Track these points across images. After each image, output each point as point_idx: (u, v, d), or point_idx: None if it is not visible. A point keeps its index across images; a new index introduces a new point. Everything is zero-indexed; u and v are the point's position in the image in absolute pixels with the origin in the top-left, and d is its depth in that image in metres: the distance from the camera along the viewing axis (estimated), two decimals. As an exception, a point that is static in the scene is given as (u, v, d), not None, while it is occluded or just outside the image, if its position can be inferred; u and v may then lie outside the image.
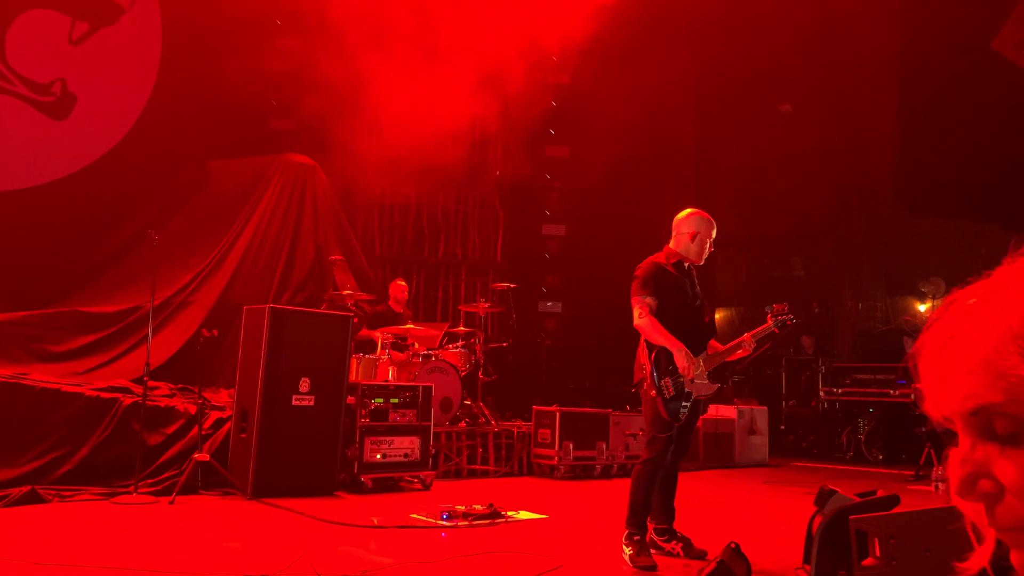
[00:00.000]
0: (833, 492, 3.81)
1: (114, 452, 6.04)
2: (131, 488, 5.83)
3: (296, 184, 9.08)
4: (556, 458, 8.06)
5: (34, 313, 7.45)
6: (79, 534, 4.70)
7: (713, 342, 4.75)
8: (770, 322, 4.66)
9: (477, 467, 7.92)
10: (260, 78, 9.41)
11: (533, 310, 12.10)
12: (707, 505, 6.87)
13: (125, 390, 6.43)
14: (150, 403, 6.23)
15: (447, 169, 10.36)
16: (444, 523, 5.34)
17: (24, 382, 5.96)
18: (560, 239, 12.44)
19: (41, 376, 6.40)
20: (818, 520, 3.66)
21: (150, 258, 6.83)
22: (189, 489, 5.97)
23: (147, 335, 6.33)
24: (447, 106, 9.40)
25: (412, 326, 8.40)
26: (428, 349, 8.44)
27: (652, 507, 4.62)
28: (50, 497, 5.55)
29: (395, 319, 8.65)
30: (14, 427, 5.77)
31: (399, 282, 9.04)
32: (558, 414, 8.10)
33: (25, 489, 5.47)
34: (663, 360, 4.52)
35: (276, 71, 9.64)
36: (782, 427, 11.92)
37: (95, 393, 6.19)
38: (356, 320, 7.25)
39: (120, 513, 5.33)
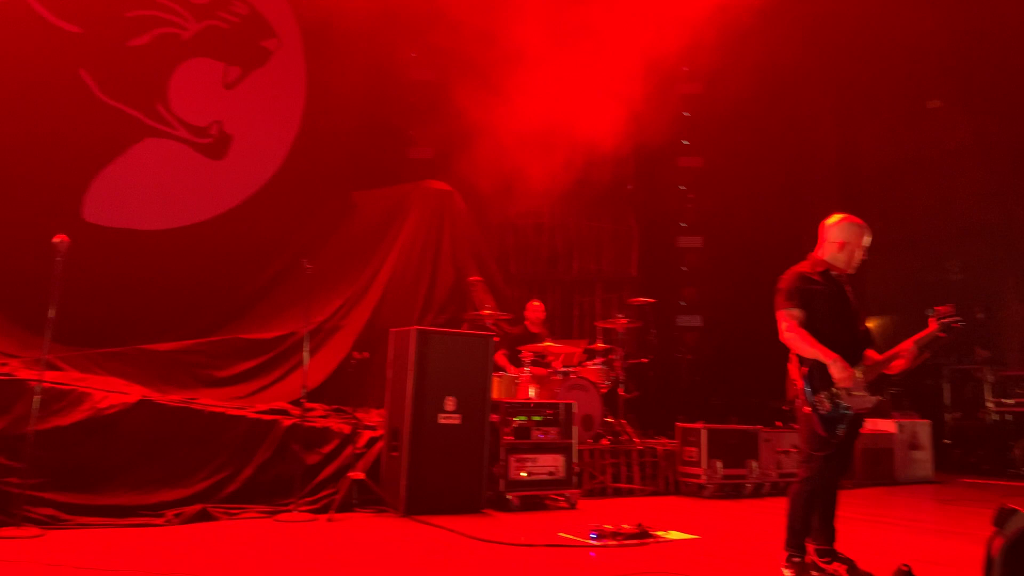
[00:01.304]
0: (1014, 511, 3.52)
1: (275, 471, 6.34)
2: (291, 506, 6.12)
3: (435, 209, 9.35)
4: (704, 476, 7.86)
5: (200, 342, 7.97)
6: (260, 552, 4.97)
7: (870, 352, 4.51)
8: (934, 326, 4.38)
9: (622, 485, 7.83)
10: (398, 110, 9.77)
11: (672, 324, 11.91)
12: (869, 524, 6.52)
13: (284, 412, 6.76)
14: (307, 424, 6.53)
15: (579, 186, 10.39)
16: (593, 542, 5.31)
17: (193, 406, 6.37)
18: (697, 251, 12.21)
19: (208, 400, 6.82)
20: (999, 542, 3.40)
21: (303, 286, 7.18)
22: (345, 507, 6.21)
23: (302, 359, 6.65)
24: (577, 122, 9.44)
25: (551, 344, 8.43)
26: (566, 366, 8.45)
27: (812, 528, 4.43)
28: (219, 515, 5.90)
29: (532, 340, 8.71)
30: (185, 449, 6.16)
31: (535, 303, 9.11)
32: (704, 431, 7.91)
33: (197, 507, 5.85)
34: (817, 374, 4.32)
35: (412, 102, 9.99)
36: (947, 441, 11.18)
37: (257, 416, 6.53)
38: (497, 339, 7.36)
39: (284, 531, 5.59)
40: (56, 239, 5.58)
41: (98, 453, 5.78)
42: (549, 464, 6.97)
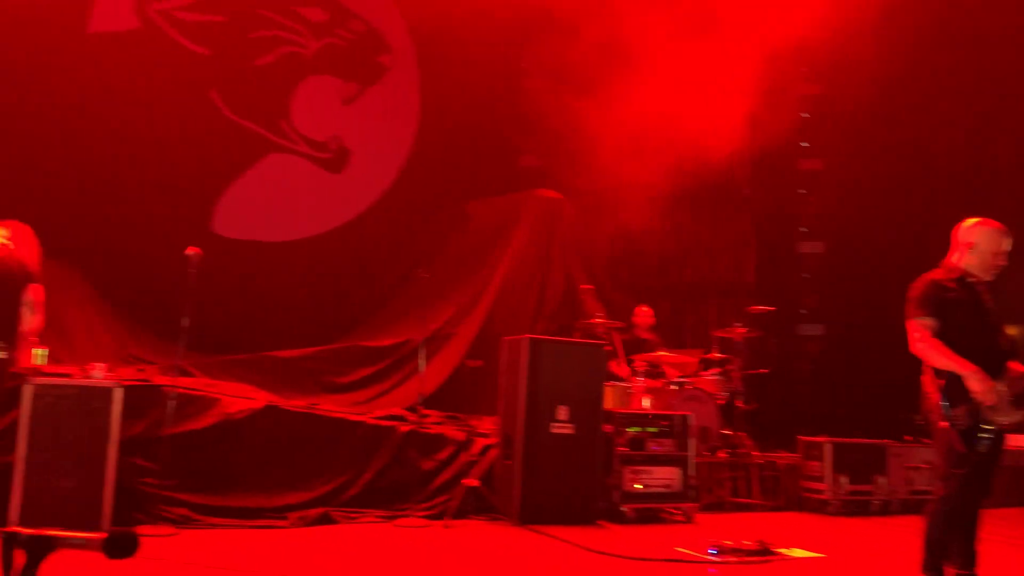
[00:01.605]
0: None
1: (393, 477, 6.46)
2: (409, 511, 6.22)
3: (545, 218, 9.37)
4: (828, 492, 7.53)
5: (321, 349, 8.24)
6: (381, 556, 5.07)
7: (1014, 364, 4.20)
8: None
9: (741, 500, 7.60)
10: (509, 119, 9.84)
11: (792, 334, 11.50)
12: (1013, 547, 6.08)
13: (401, 418, 6.88)
14: (423, 430, 6.62)
15: (692, 190, 10.18)
16: (713, 559, 5.16)
17: (316, 412, 6.58)
18: (819, 257, 11.75)
19: (329, 406, 7.03)
20: None
21: (418, 295, 7.33)
22: (460, 513, 6.26)
23: (418, 367, 6.77)
24: (691, 126, 9.27)
25: (664, 353, 8.28)
26: (681, 376, 8.28)
27: (951, 551, 4.15)
28: (340, 519, 6.06)
29: (642, 346, 8.59)
30: (308, 453, 6.36)
31: (643, 308, 8.98)
32: (829, 445, 7.58)
33: (319, 511, 6.02)
34: (954, 387, 4.06)
35: (523, 111, 10.03)
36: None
37: (375, 421, 6.68)
38: (609, 348, 7.29)
39: (403, 536, 5.69)
40: (189, 251, 5.88)
41: (227, 456, 6.04)
42: (665, 476, 6.83)
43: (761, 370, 8.94)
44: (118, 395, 5.39)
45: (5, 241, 5.37)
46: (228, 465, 6.04)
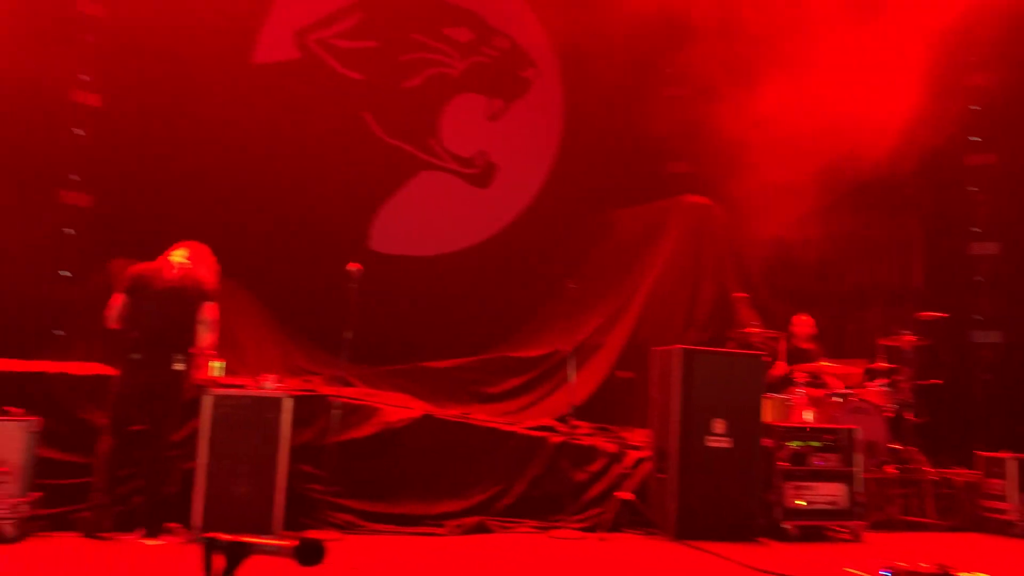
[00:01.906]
0: None
1: (545, 488, 6.47)
2: (562, 523, 6.21)
3: (694, 224, 9.17)
4: (1013, 512, 6.94)
5: (472, 359, 8.40)
6: (538, 567, 5.09)
7: None
8: None
9: (913, 519, 7.12)
10: (654, 126, 9.70)
11: (966, 341, 10.69)
12: None
13: (551, 429, 6.90)
14: (574, 442, 6.61)
15: (851, 191, 9.69)
16: (887, 581, 4.84)
17: (469, 421, 6.70)
18: (993, 259, 10.87)
19: (481, 416, 7.15)
20: None
21: (565, 305, 7.33)
22: (615, 526, 6.20)
23: (567, 377, 6.77)
24: (850, 121, 8.82)
25: (826, 363, 7.90)
26: (845, 388, 7.87)
27: None
28: (495, 528, 6.13)
29: (801, 356, 8.22)
30: (463, 462, 6.48)
31: (802, 317, 8.60)
32: (1014, 462, 6.99)
33: (476, 519, 6.12)
34: None
35: (668, 117, 9.87)
36: None
37: (527, 432, 6.73)
38: (768, 358, 7.03)
39: (558, 548, 5.68)
40: (350, 267, 6.14)
41: (388, 464, 6.25)
42: (829, 493, 6.51)
43: (934, 381, 8.35)
44: (288, 405, 5.69)
45: (184, 261, 5.78)
46: (388, 472, 6.25)
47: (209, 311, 5.67)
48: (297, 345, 8.61)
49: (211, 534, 1.66)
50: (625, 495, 6.29)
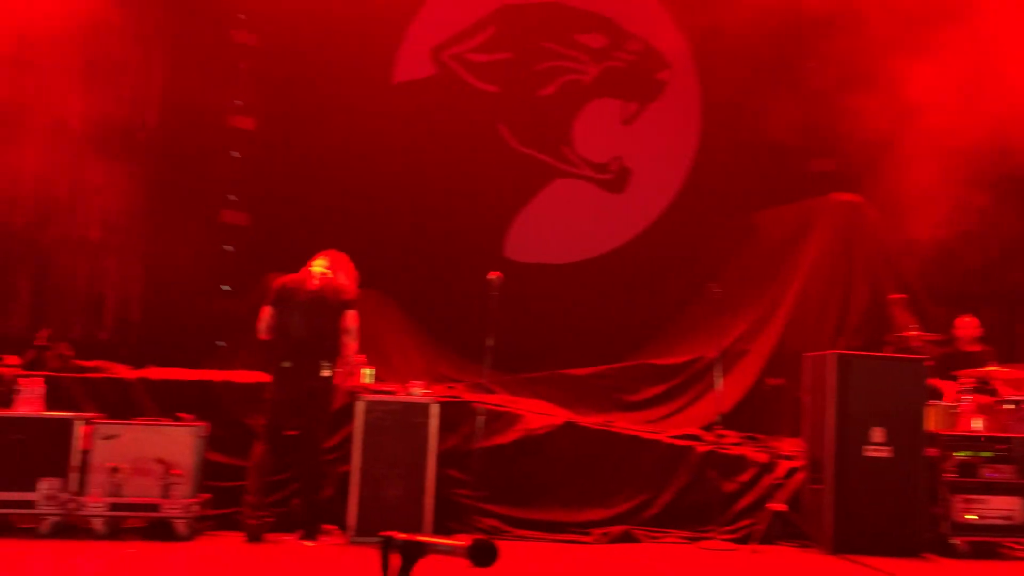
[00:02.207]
0: None
1: (692, 498, 6.32)
2: (712, 534, 6.04)
3: (843, 224, 8.73)
4: None
5: (612, 367, 8.31)
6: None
7: None
8: None
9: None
10: (796, 123, 9.35)
11: None
12: None
13: (696, 438, 6.73)
14: (721, 451, 6.42)
15: (1017, 183, 8.99)
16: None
17: (612, 429, 6.64)
18: None
19: (623, 424, 7.06)
20: None
21: (707, 310, 7.14)
22: (767, 539, 5.98)
23: (712, 385, 6.59)
24: (1009, 108, 8.20)
25: (995, 368, 7.34)
26: (1017, 394, 7.27)
27: None
28: (642, 537, 6.04)
29: (967, 360, 7.66)
30: (606, 470, 6.43)
31: (966, 319, 8.02)
32: None
33: (622, 529, 6.05)
34: None
35: (811, 113, 9.49)
36: None
37: (671, 441, 6.60)
38: (930, 363, 6.61)
39: (708, 559, 5.54)
40: (491, 275, 6.21)
41: (531, 470, 6.28)
42: (1003, 507, 6.04)
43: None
44: (435, 410, 5.82)
45: (325, 271, 5.99)
46: (532, 479, 6.27)
47: (350, 319, 5.82)
48: (439, 353, 8.80)
49: (387, 532, 1.69)
50: (778, 506, 6.06)
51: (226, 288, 9.48)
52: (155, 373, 6.59)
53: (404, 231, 9.26)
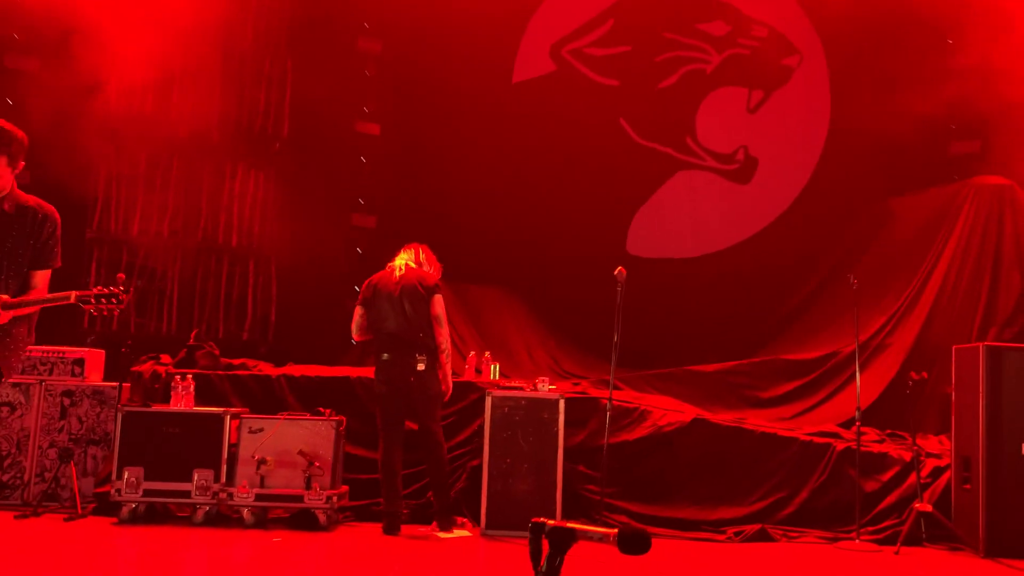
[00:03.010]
0: None
1: (831, 497, 6.10)
2: (852, 534, 5.80)
3: (990, 208, 8.18)
4: None
5: (742, 362, 8.09)
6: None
7: None
8: None
9: None
10: (934, 104, 8.85)
11: None
12: None
13: (835, 435, 6.48)
14: (862, 448, 6.15)
15: None
16: None
17: (745, 426, 6.47)
18: None
19: (756, 421, 6.87)
20: None
21: (841, 303, 6.84)
22: (912, 540, 5.69)
23: (849, 379, 6.32)
24: None
25: None
26: None
27: None
28: (778, 536, 5.86)
29: None
30: (738, 468, 6.28)
31: None
32: None
33: (756, 527, 5.89)
34: None
35: (951, 92, 8.96)
36: None
37: (808, 438, 6.38)
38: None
39: (849, 560, 5.33)
40: (617, 271, 6.17)
41: (660, 467, 6.21)
42: None
43: None
44: (562, 406, 5.84)
45: (408, 263, 6.06)
46: (662, 476, 6.21)
47: (436, 305, 5.80)
48: (564, 349, 8.82)
49: (538, 519, 1.71)
50: (923, 506, 5.75)
51: (357, 289, 9.80)
52: (295, 370, 6.88)
53: (527, 228, 9.31)
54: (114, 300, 3.63)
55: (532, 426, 5.84)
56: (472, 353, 7.05)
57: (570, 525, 1.66)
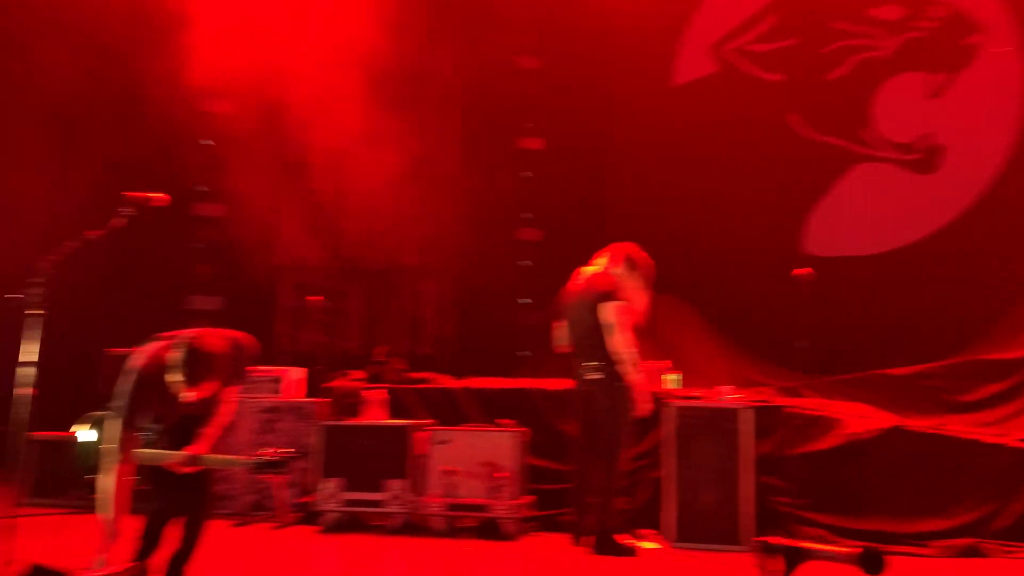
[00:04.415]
0: None
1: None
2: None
3: None
4: None
5: (936, 364, 7.54)
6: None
7: None
8: None
9: None
10: None
11: None
12: None
13: (1051, 442, 5.94)
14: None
15: None
16: None
17: (946, 433, 6.05)
18: None
19: (958, 427, 6.41)
20: None
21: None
22: None
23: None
24: None
25: None
26: None
27: None
28: (992, 552, 5.44)
29: None
30: (941, 478, 5.87)
31: None
32: None
33: (966, 541, 5.50)
34: None
35: None
36: None
37: (1018, 444, 5.89)
38: None
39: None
40: (799, 272, 5.95)
41: (855, 477, 5.91)
42: None
43: None
44: (747, 416, 5.69)
45: (595, 268, 5.75)
46: (856, 486, 5.91)
47: (606, 312, 5.44)
48: (742, 356, 8.59)
49: (765, 537, 1.69)
50: None
51: (526, 301, 10.00)
52: (475, 382, 7.09)
53: (696, 234, 9.16)
54: (281, 468, 3.85)
55: (715, 436, 5.72)
56: (649, 362, 6.98)
57: (804, 544, 1.63)
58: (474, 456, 5.99)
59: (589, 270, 5.80)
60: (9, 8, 8.01)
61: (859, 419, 6.11)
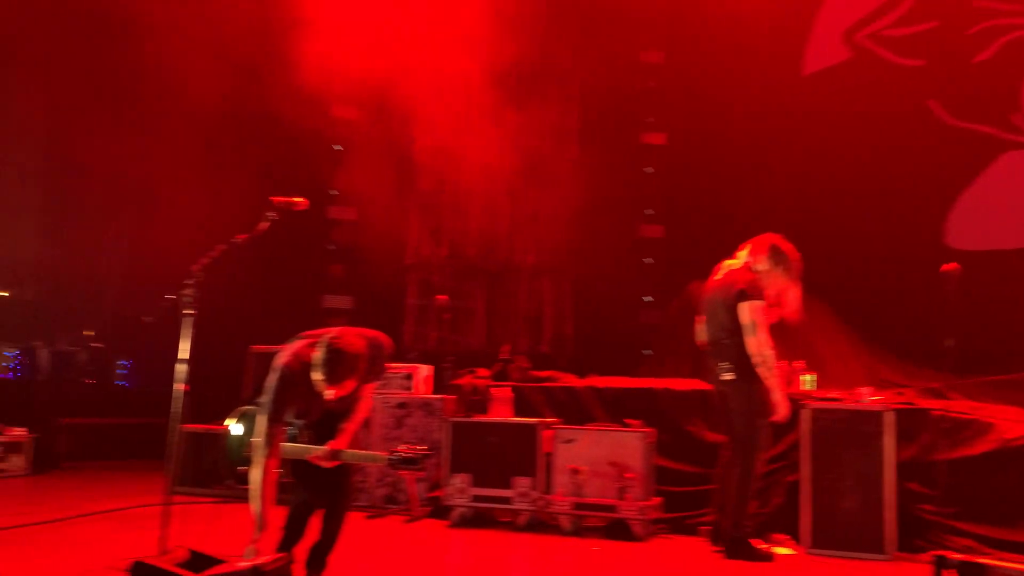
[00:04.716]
0: None
1: None
2: None
3: None
4: None
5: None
6: None
7: None
8: None
9: None
10: None
11: None
12: None
13: None
14: None
15: None
16: None
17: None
18: None
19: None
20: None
21: None
22: None
23: None
24: None
25: None
26: None
27: None
28: None
29: None
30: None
31: None
32: None
33: None
34: None
35: None
36: None
37: None
38: None
39: None
40: (946, 267, 5.62)
41: (1011, 485, 5.52)
42: None
43: None
44: (889, 419, 5.42)
45: (734, 263, 5.49)
46: (1012, 495, 5.52)
47: (743, 313, 5.18)
48: (880, 356, 8.18)
49: (940, 552, 1.60)
50: None
51: (648, 299, 9.88)
52: (598, 381, 7.04)
53: (828, 229, 8.75)
54: (417, 465, 3.93)
55: (854, 440, 5.46)
56: (783, 363, 6.75)
57: (983, 560, 1.53)
58: (600, 455, 5.94)
59: (729, 264, 5.54)
60: (157, 34, 8.52)
61: (1016, 424, 5.71)
